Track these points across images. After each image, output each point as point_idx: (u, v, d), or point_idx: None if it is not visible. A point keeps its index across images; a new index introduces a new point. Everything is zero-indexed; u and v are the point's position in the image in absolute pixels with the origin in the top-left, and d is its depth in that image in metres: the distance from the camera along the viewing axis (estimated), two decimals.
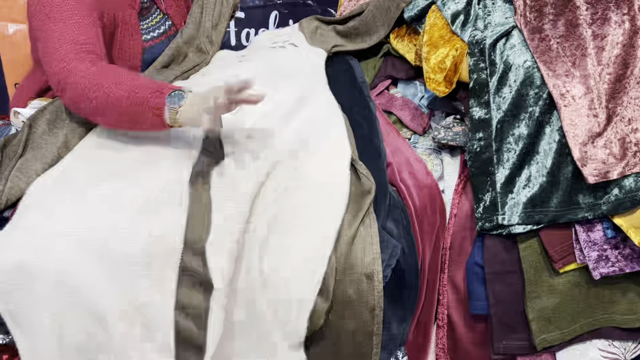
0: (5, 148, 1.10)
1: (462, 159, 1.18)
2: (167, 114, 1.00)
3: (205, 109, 0.96)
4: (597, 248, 1.02)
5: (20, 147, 1.08)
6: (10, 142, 1.12)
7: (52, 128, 1.14)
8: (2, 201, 1.00)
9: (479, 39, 1.10)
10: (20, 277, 0.88)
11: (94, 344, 0.89)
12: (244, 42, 2.33)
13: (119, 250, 0.90)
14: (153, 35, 1.40)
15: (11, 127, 1.26)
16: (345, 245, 0.96)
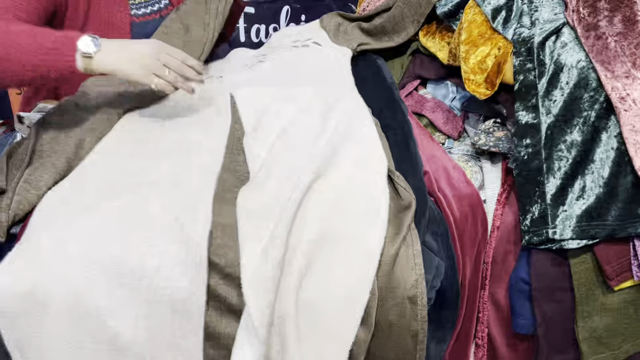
0: (10, 158, 1.01)
1: (504, 166, 1.09)
2: (80, 61, 0.94)
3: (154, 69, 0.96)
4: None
5: (27, 156, 0.98)
6: (16, 151, 1.02)
7: (62, 133, 1.05)
8: (10, 216, 0.91)
9: (525, 37, 1.01)
10: (29, 304, 0.79)
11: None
12: (254, 38, 2.24)
13: (137, 274, 0.81)
14: (145, 12, 1.32)
15: (16, 134, 1.17)
16: (387, 267, 0.87)
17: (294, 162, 0.95)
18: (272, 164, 0.94)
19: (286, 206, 0.86)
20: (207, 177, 0.92)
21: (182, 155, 0.98)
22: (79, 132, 1.04)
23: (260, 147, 0.99)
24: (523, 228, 1.01)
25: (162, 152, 1.00)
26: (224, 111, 1.10)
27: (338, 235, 0.86)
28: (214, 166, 0.95)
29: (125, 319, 0.79)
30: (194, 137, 1.03)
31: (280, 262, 0.82)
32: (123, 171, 0.97)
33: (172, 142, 1.03)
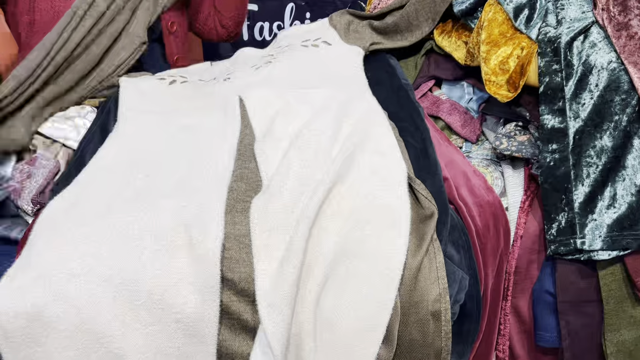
0: None
1: (527, 172, 1.04)
2: None
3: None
4: None
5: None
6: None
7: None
8: None
9: (552, 37, 0.96)
10: (32, 325, 0.74)
11: None
12: (257, 36, 2.19)
13: (145, 294, 0.76)
14: None
15: None
16: (409, 281, 0.82)
17: (308, 170, 0.90)
18: (286, 172, 0.89)
19: (302, 218, 0.81)
20: (217, 187, 0.87)
21: (191, 163, 0.93)
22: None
23: (273, 154, 0.94)
24: (548, 237, 0.96)
25: (170, 161, 0.95)
26: (232, 115, 1.05)
27: (357, 250, 0.81)
28: (225, 174, 0.90)
29: (132, 342, 0.74)
30: (203, 143, 0.98)
31: (296, 278, 0.77)
32: (130, 181, 0.92)
33: (180, 149, 0.98)
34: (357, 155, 0.93)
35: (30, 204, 0.94)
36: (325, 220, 0.83)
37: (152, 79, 1.28)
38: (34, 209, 0.95)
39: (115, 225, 0.81)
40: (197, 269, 0.77)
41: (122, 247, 0.79)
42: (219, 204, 0.83)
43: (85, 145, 1.06)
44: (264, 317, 0.75)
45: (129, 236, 0.80)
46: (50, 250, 0.78)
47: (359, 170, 0.90)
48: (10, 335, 0.73)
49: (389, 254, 0.81)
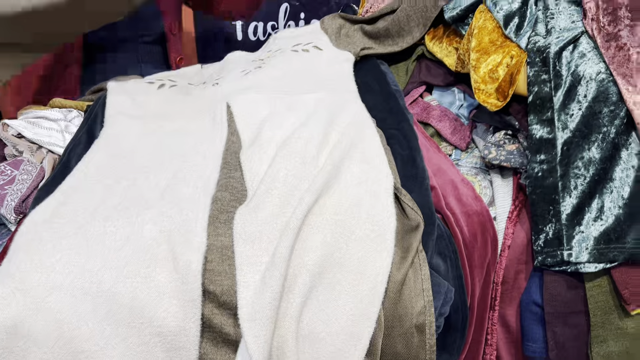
0: None
1: (516, 182, 1.04)
2: None
3: None
4: None
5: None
6: None
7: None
8: None
9: (541, 46, 0.95)
10: (10, 339, 0.73)
11: None
12: (251, 36, 2.17)
13: (127, 308, 0.75)
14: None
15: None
16: (393, 294, 0.82)
17: (294, 180, 0.89)
18: (272, 182, 0.88)
19: (286, 229, 0.81)
20: (201, 197, 0.86)
21: (177, 171, 0.92)
22: None
23: (258, 162, 0.93)
24: (536, 248, 0.95)
25: (156, 168, 0.94)
26: (219, 122, 1.04)
27: (342, 261, 0.81)
28: (209, 184, 0.89)
29: (111, 357, 0.73)
30: (190, 151, 0.97)
31: (279, 290, 0.77)
32: (115, 188, 0.91)
33: (167, 156, 0.97)
34: (344, 164, 0.92)
35: (13, 213, 0.93)
36: (310, 231, 0.82)
37: (141, 82, 1.27)
38: (17, 218, 0.94)
39: (97, 237, 0.80)
40: (179, 282, 0.76)
41: (103, 259, 0.78)
42: (202, 215, 0.83)
43: (71, 150, 1.05)
44: (246, 331, 0.74)
45: (111, 248, 0.79)
46: (31, 262, 0.77)
47: (345, 180, 0.89)
48: None
49: (374, 266, 0.80)
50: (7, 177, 0.99)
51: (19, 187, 0.97)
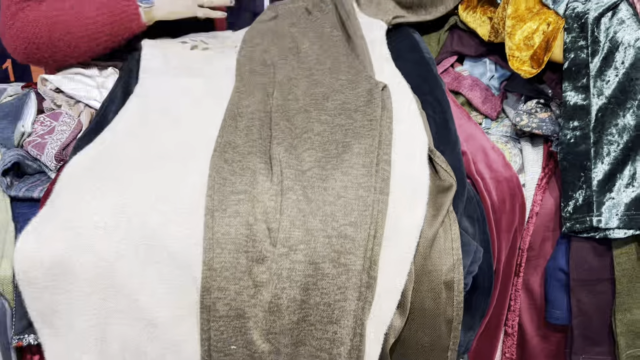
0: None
1: (546, 149, 1.04)
2: (143, 15, 1.13)
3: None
4: None
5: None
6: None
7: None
8: None
9: (579, 12, 0.95)
10: (57, 273, 0.76)
11: (141, 350, 0.78)
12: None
13: (167, 249, 0.77)
14: None
15: (30, 93, 1.11)
16: (424, 250, 0.83)
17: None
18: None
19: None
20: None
21: (212, 127, 0.94)
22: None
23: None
24: (564, 215, 0.96)
25: (189, 124, 0.96)
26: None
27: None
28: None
29: (150, 295, 0.76)
30: (220, 112, 0.99)
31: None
32: (150, 141, 0.93)
33: (199, 114, 0.99)
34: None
35: (54, 160, 0.95)
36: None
37: (174, 42, 1.28)
38: (57, 165, 0.96)
39: (139, 183, 0.82)
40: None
41: (146, 204, 0.80)
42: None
43: (108, 105, 1.07)
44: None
45: (152, 193, 0.81)
46: (74, 203, 0.80)
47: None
48: (33, 282, 0.75)
49: (406, 221, 0.82)
50: (46, 127, 1.02)
51: (59, 137, 0.99)
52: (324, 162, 0.86)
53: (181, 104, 1.04)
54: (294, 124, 0.95)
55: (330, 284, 0.77)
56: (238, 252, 0.78)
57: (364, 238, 0.78)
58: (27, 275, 0.75)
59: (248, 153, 0.88)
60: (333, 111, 0.97)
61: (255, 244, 0.78)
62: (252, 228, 0.78)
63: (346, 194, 0.81)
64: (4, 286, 0.79)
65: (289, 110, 0.98)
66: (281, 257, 0.78)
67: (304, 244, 0.78)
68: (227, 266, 0.77)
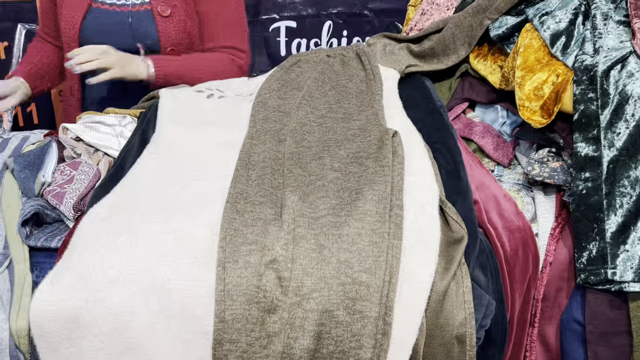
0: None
1: (558, 199, 1.04)
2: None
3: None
4: None
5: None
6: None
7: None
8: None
9: (588, 65, 0.96)
10: (69, 328, 0.78)
11: None
12: (294, 52, 2.23)
13: (177, 302, 0.78)
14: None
15: (52, 143, 1.14)
16: (435, 303, 0.83)
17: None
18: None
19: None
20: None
21: (224, 178, 0.96)
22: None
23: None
24: (578, 266, 0.95)
25: (204, 175, 0.98)
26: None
27: None
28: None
29: (161, 350, 0.77)
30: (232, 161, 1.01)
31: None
32: (166, 192, 0.95)
33: (213, 165, 1.01)
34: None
35: (72, 210, 0.98)
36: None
37: (190, 91, 1.32)
38: (75, 215, 0.98)
39: (152, 236, 0.84)
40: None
41: (158, 257, 0.81)
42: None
43: (126, 154, 1.10)
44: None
45: (165, 246, 0.82)
46: (89, 257, 0.82)
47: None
48: (47, 335, 0.77)
49: (418, 274, 0.82)
50: (66, 176, 1.04)
51: (77, 187, 1.02)
52: (338, 209, 0.87)
53: (196, 154, 1.06)
54: (307, 171, 0.97)
55: (345, 332, 0.77)
56: (249, 303, 0.79)
57: (379, 284, 0.78)
58: (42, 329, 0.76)
59: (259, 203, 0.90)
60: (346, 159, 0.98)
61: (266, 294, 0.79)
62: (262, 278, 0.79)
63: (360, 240, 0.82)
64: (20, 339, 0.80)
65: (303, 157, 1.00)
66: (293, 306, 0.78)
67: (317, 292, 0.79)
68: (238, 318, 0.78)
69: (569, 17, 1.04)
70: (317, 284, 0.79)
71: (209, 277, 0.80)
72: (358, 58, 1.29)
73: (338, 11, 2.14)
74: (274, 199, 0.91)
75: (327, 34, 2.18)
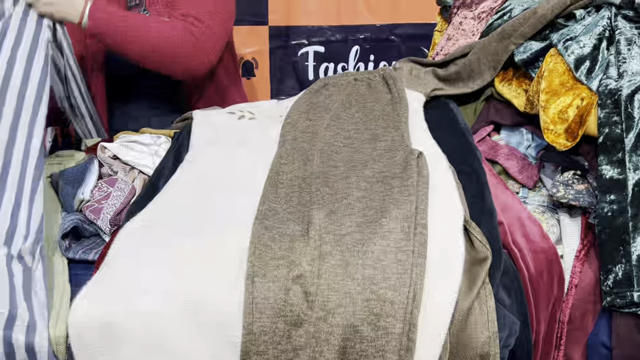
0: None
1: (584, 221, 1.04)
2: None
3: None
4: None
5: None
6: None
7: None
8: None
9: (612, 89, 0.97)
10: (106, 338, 0.81)
11: None
12: (322, 76, 2.28)
13: (210, 314, 0.81)
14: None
15: (94, 161, 1.20)
16: (459, 322, 0.84)
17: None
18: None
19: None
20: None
21: (254, 194, 1.00)
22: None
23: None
24: (604, 289, 0.95)
25: (234, 192, 1.02)
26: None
27: None
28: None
29: (195, 358, 0.79)
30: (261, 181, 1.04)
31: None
32: (198, 208, 0.99)
33: (242, 182, 1.05)
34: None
35: (109, 225, 1.02)
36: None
37: (223, 112, 1.37)
38: (111, 229, 1.03)
39: (186, 249, 0.88)
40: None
41: (191, 269, 0.85)
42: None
43: (160, 173, 1.15)
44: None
45: (198, 259, 0.86)
46: (125, 269, 0.86)
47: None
48: (85, 343, 0.80)
49: (441, 293, 0.83)
50: (103, 193, 1.10)
51: (114, 202, 1.07)
52: (363, 227, 0.90)
53: (228, 172, 1.10)
54: (334, 189, 0.99)
55: (369, 347, 0.79)
56: (277, 316, 0.81)
57: (403, 301, 0.80)
58: (80, 338, 0.80)
59: (287, 220, 0.93)
60: (372, 178, 1.01)
61: (293, 308, 0.81)
62: (289, 292, 0.82)
63: (385, 257, 0.84)
64: (58, 346, 0.84)
65: (329, 176, 1.03)
66: (319, 320, 0.80)
67: (342, 307, 0.81)
68: (265, 330, 0.81)
69: (593, 42, 1.06)
70: (342, 300, 0.81)
71: (238, 290, 0.82)
72: (384, 81, 1.32)
73: (365, 36, 2.19)
74: (301, 216, 0.94)
75: (354, 58, 2.23)
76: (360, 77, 1.36)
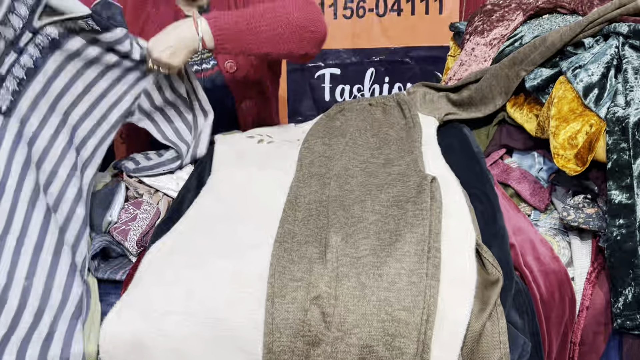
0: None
1: (594, 244, 1.07)
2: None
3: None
4: None
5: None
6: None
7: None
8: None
9: (620, 117, 1.00)
10: (134, 354, 0.86)
11: None
12: (338, 98, 2.33)
13: (230, 335, 0.85)
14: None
15: (122, 184, 1.26)
16: (471, 343, 0.87)
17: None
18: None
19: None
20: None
21: (274, 218, 1.04)
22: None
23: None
24: (615, 311, 0.97)
25: (255, 214, 1.06)
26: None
27: None
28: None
29: None
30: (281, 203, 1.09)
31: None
32: (222, 230, 1.03)
33: (264, 206, 1.09)
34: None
35: (135, 246, 1.07)
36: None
37: (242, 136, 1.43)
38: (138, 250, 1.08)
39: (209, 271, 0.92)
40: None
41: (214, 291, 0.89)
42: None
43: (184, 195, 1.20)
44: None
45: (219, 282, 0.90)
46: (152, 289, 0.91)
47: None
48: (116, 357, 0.85)
49: (454, 314, 0.86)
50: (130, 215, 1.15)
51: (140, 224, 1.12)
52: (378, 250, 0.93)
53: (248, 196, 1.15)
54: (350, 213, 1.03)
55: None
56: (295, 336, 0.85)
57: (417, 322, 0.83)
58: (110, 354, 0.85)
59: (305, 242, 0.97)
60: (386, 202, 1.05)
61: (311, 328, 0.85)
62: (307, 313, 0.85)
63: (400, 280, 0.87)
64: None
65: (346, 200, 1.07)
66: (336, 340, 0.84)
67: (358, 327, 0.84)
68: (285, 350, 0.84)
69: (601, 70, 1.09)
70: (358, 320, 0.85)
71: (258, 311, 0.86)
72: (399, 106, 1.37)
73: (380, 59, 2.25)
74: (319, 239, 0.98)
75: (369, 80, 2.28)
76: (376, 102, 1.41)
